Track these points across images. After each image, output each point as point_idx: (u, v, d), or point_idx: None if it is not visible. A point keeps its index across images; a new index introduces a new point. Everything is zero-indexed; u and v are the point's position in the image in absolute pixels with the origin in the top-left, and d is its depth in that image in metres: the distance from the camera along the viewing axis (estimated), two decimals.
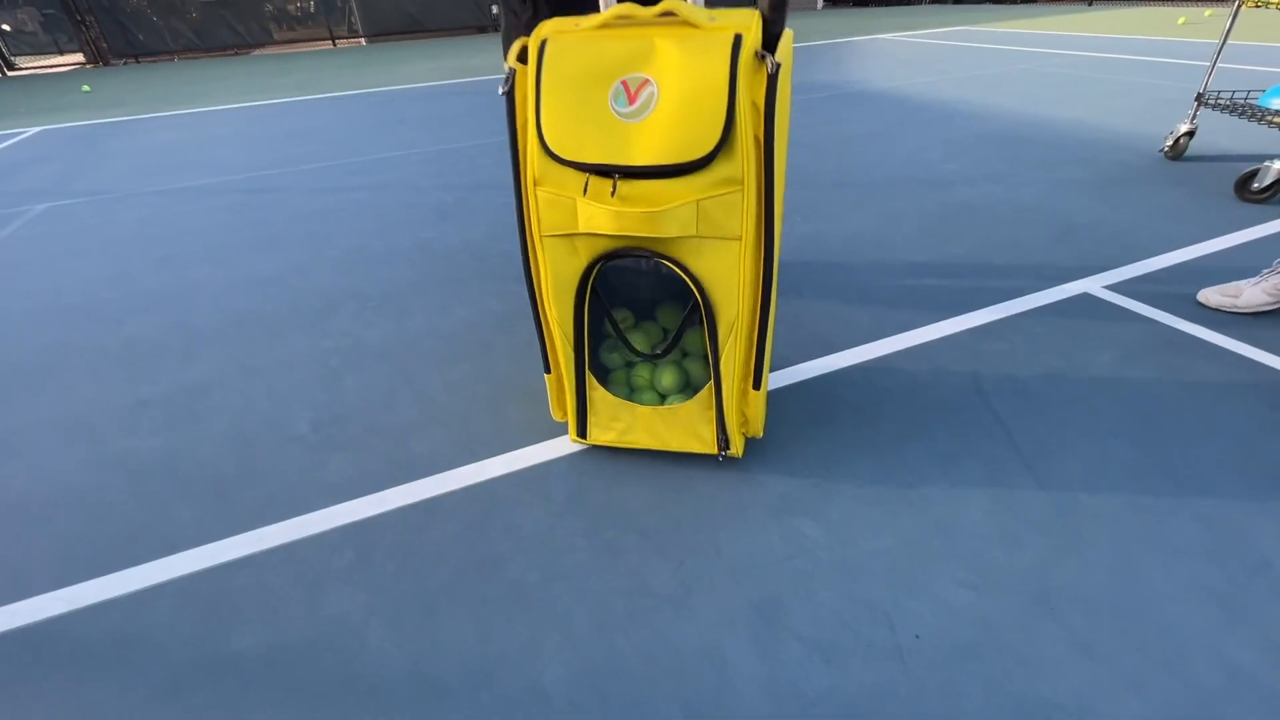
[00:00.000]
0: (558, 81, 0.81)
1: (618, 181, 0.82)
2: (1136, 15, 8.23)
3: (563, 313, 0.97)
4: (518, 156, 0.88)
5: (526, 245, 0.95)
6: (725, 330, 0.93)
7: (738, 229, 0.84)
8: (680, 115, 0.78)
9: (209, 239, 2.27)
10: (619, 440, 1.08)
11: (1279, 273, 1.36)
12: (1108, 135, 2.88)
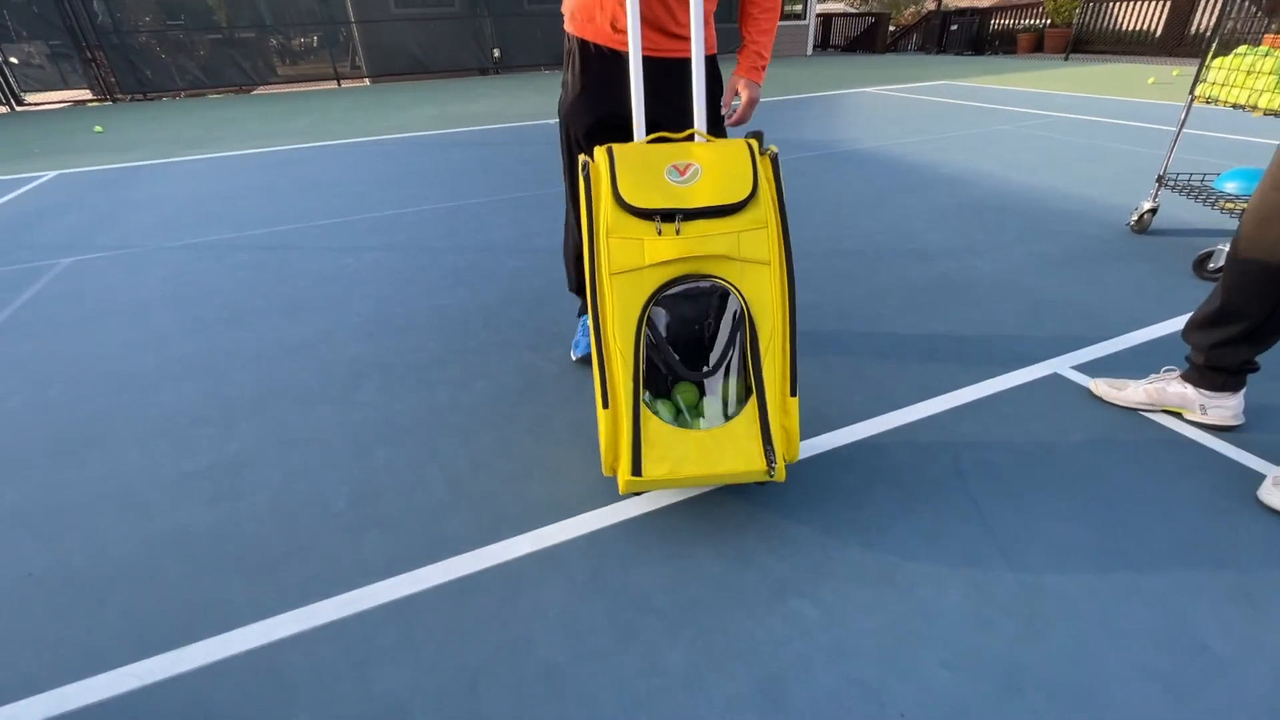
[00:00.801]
0: (627, 165, 1.17)
1: (680, 222, 1.13)
2: (1110, 73, 8.64)
3: (625, 341, 1.13)
4: (592, 222, 1.16)
5: (595, 288, 1.14)
6: (765, 340, 1.15)
7: (767, 256, 1.15)
8: (719, 180, 1.16)
9: (235, 301, 2.39)
10: (672, 474, 1.11)
11: (1163, 380, 1.51)
12: (1080, 205, 3.08)
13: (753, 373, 1.15)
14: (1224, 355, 1.40)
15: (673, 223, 1.13)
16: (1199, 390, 1.46)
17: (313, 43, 12.45)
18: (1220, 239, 2.45)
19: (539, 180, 3.95)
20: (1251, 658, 0.97)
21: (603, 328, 1.14)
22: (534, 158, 4.63)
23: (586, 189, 1.17)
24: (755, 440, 1.13)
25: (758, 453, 1.13)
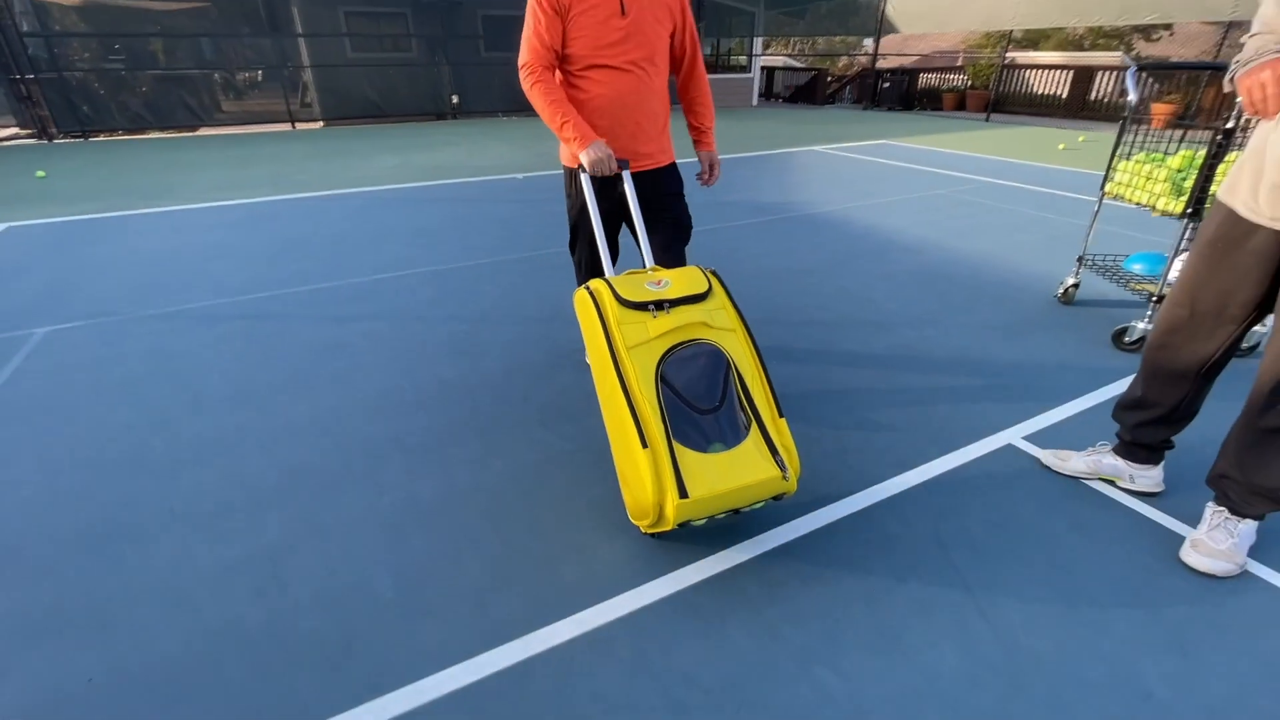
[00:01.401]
0: (619, 284, 1.60)
1: (667, 308, 1.55)
2: (1025, 135, 9.55)
3: (649, 395, 1.44)
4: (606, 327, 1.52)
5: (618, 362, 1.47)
6: (748, 379, 1.52)
7: (732, 325, 1.59)
8: (684, 284, 1.61)
9: (233, 377, 2.42)
10: (711, 490, 1.36)
11: (1099, 453, 1.78)
12: (1012, 274, 3.46)
13: (747, 405, 1.48)
14: (1145, 434, 1.67)
15: (662, 309, 1.54)
16: (1127, 462, 1.73)
17: (258, 77, 12.31)
18: (1133, 313, 2.83)
19: (516, 243, 4.11)
20: (1187, 701, 1.20)
21: (630, 388, 1.44)
22: (507, 217, 4.79)
23: (597, 306, 1.56)
24: (766, 455, 1.42)
25: (771, 464, 1.41)
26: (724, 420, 1.45)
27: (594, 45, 1.85)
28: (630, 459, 1.44)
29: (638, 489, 1.42)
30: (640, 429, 1.39)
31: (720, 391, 1.48)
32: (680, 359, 1.50)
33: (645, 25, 1.89)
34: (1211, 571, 1.46)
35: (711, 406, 1.46)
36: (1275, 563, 1.52)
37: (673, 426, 1.42)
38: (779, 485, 1.41)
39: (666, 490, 1.36)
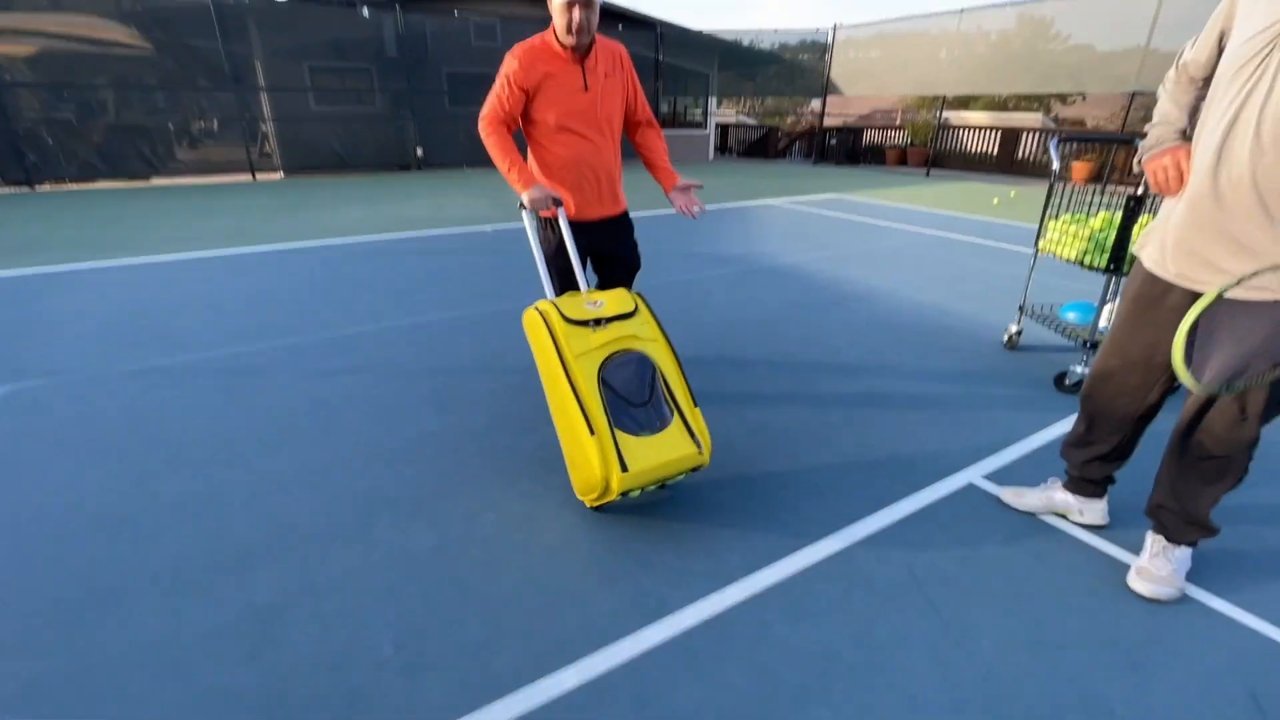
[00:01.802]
0: (564, 305, 1.94)
1: (604, 324, 1.89)
2: (962, 190, 10.26)
3: (593, 394, 1.79)
4: (554, 337, 1.86)
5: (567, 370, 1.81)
6: (670, 378, 1.90)
7: (655, 336, 1.96)
8: (616, 304, 1.96)
9: (212, 433, 2.39)
10: (645, 466, 1.73)
11: (1050, 488, 1.94)
12: (961, 322, 3.72)
13: (670, 399, 1.86)
14: (1090, 470, 1.84)
15: (600, 325, 1.89)
16: (1076, 497, 1.89)
17: (215, 127, 12.24)
18: (1071, 357, 3.08)
19: (491, 295, 4.19)
20: (1146, 718, 1.31)
21: (578, 388, 1.79)
22: (480, 268, 4.88)
23: (547, 323, 1.88)
24: (686, 437, 1.81)
25: (691, 443, 1.80)
26: (652, 411, 1.83)
27: (561, 114, 2.21)
28: (579, 446, 1.79)
29: (586, 469, 1.79)
30: (588, 420, 1.74)
31: (649, 389, 1.85)
32: (616, 364, 1.85)
33: (604, 99, 2.26)
34: (1156, 597, 1.61)
35: (643, 401, 1.83)
36: (1210, 585, 1.67)
37: (613, 417, 1.77)
38: (696, 459, 1.81)
39: (611, 467, 1.72)
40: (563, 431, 1.90)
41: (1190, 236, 1.46)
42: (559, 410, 1.89)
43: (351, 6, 11.63)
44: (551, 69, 2.15)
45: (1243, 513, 1.95)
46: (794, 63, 16.29)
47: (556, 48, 2.15)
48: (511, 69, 2.15)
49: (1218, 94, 1.40)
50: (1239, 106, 1.33)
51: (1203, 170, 1.41)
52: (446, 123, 12.19)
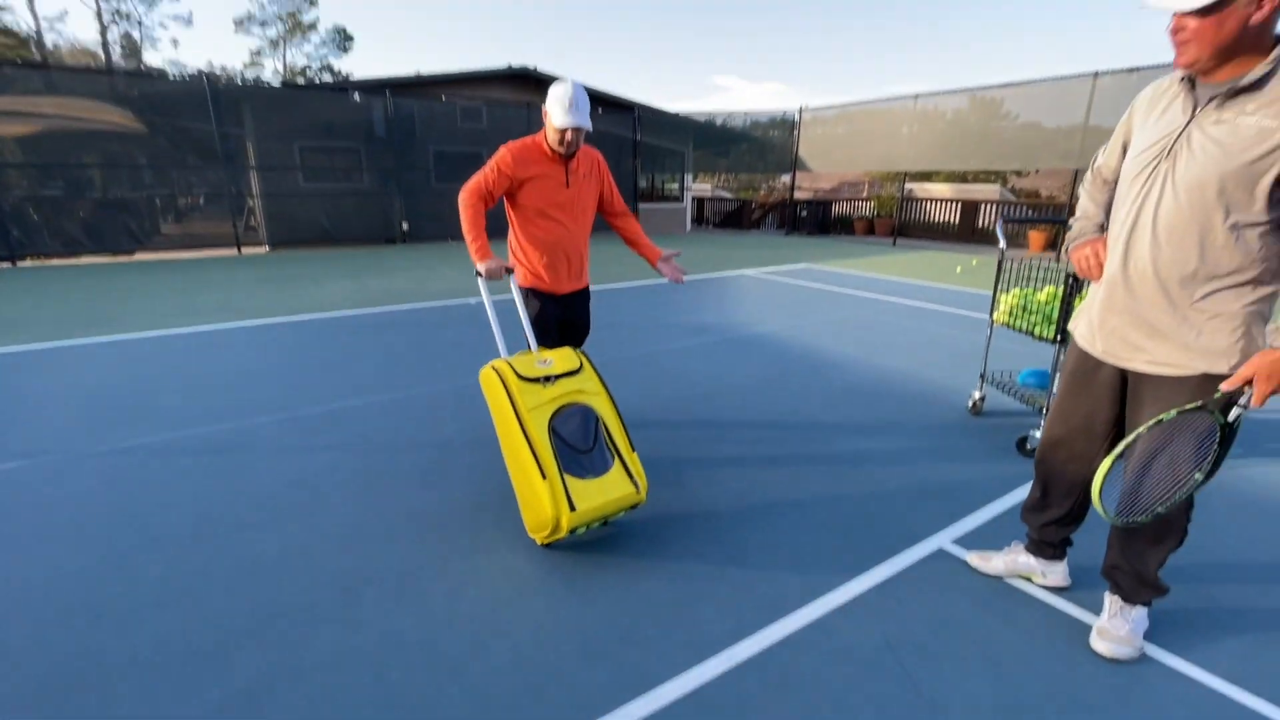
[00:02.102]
0: (518, 364, 2.20)
1: (553, 381, 2.17)
2: (926, 259, 10.77)
3: (544, 442, 2.05)
4: (510, 395, 2.12)
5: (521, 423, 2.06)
6: (611, 427, 2.19)
7: (599, 390, 2.25)
8: (564, 363, 2.26)
9: (194, 514, 2.40)
10: (590, 505, 2.00)
11: (1014, 552, 2.04)
12: (929, 388, 3.88)
13: (611, 445, 2.15)
14: (1048, 533, 1.93)
15: (549, 381, 2.17)
16: (1038, 559, 1.98)
17: (200, 201, 12.46)
18: (1031, 422, 3.23)
19: (475, 367, 4.26)
20: None
21: (531, 437, 2.04)
22: (464, 340, 4.99)
23: (503, 381, 2.13)
24: (626, 479, 2.11)
25: (630, 484, 2.10)
26: (596, 457, 2.10)
27: (544, 203, 2.60)
28: (531, 489, 2.04)
29: (537, 509, 2.04)
30: (540, 466, 2.00)
31: (593, 437, 2.13)
32: (564, 416, 2.13)
33: (581, 194, 2.66)
34: (1116, 656, 1.68)
35: (587, 448, 2.10)
36: (1167, 644, 1.75)
37: (562, 462, 2.03)
38: (635, 498, 2.12)
39: (560, 507, 1.97)
40: (516, 476, 2.13)
41: (1111, 318, 1.63)
42: (513, 457, 2.12)
43: (344, 92, 12.23)
44: (541, 169, 2.54)
45: (1192, 573, 2.05)
46: (764, 140, 17.27)
47: (547, 150, 2.54)
48: (505, 160, 2.51)
49: (1122, 195, 1.61)
50: (1139, 208, 1.53)
51: (1115, 261, 1.60)
52: (432, 198, 12.61)
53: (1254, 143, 1.34)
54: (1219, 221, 1.41)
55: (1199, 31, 1.33)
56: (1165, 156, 1.48)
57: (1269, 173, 1.33)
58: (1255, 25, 1.30)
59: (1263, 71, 1.33)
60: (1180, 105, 1.48)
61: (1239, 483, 2.70)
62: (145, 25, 30.90)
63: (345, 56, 36.43)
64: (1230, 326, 1.46)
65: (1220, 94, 1.39)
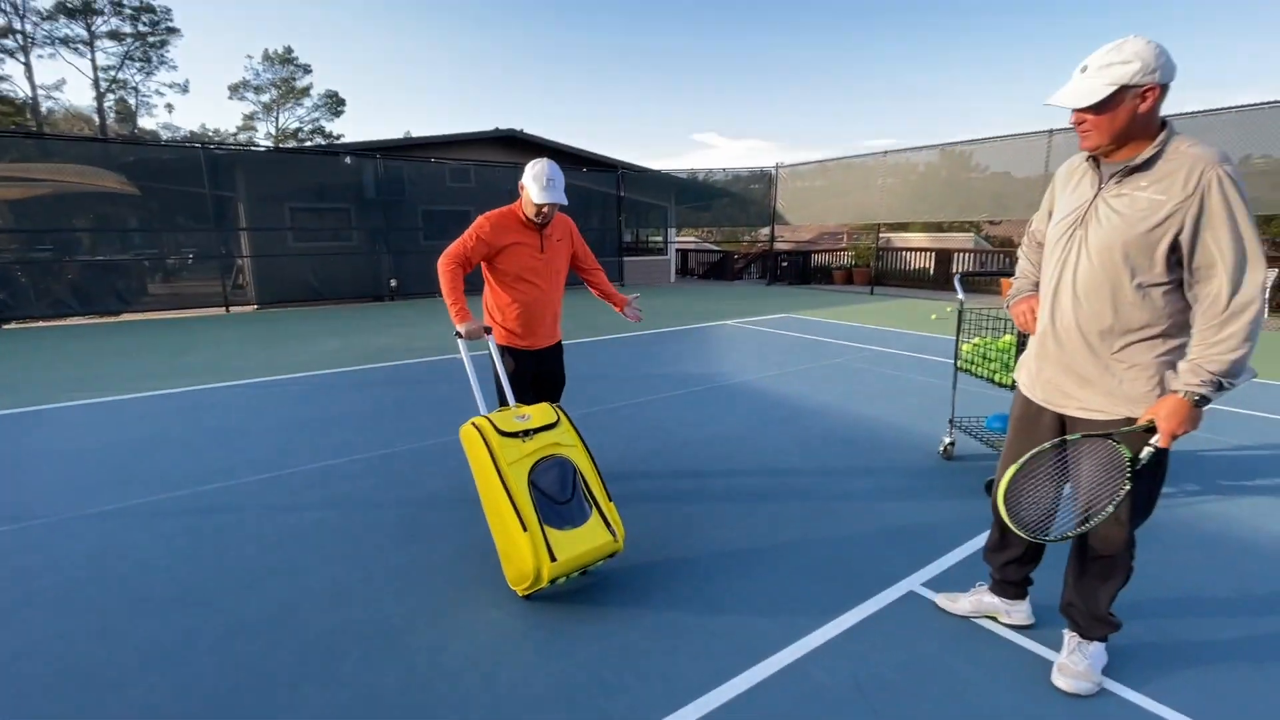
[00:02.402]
0: (497, 420, 2.30)
1: (532, 435, 2.27)
2: (902, 307, 11.10)
3: (523, 495, 2.12)
4: (490, 450, 2.19)
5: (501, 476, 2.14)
6: (588, 477, 2.29)
7: (574, 442, 2.36)
8: (540, 417, 2.36)
9: (179, 576, 2.42)
10: (570, 555, 2.08)
11: (979, 592, 2.12)
12: (902, 435, 4.01)
13: (588, 495, 2.24)
14: (1009, 573, 2.03)
15: (528, 436, 2.26)
16: (1001, 599, 2.06)
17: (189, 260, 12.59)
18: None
19: (461, 421, 4.34)
20: None
21: (511, 491, 2.11)
22: (450, 396, 5.08)
23: (483, 436, 2.20)
24: (604, 528, 2.20)
25: (608, 533, 2.18)
26: (574, 508, 2.18)
27: (520, 268, 2.80)
28: (512, 541, 2.11)
29: (519, 562, 2.09)
30: (521, 518, 2.07)
31: (571, 488, 2.21)
32: (543, 468, 2.21)
33: (555, 257, 2.90)
34: (1076, 691, 1.75)
35: (566, 499, 2.17)
36: (1123, 679, 1.82)
37: (542, 514, 2.09)
38: (613, 546, 2.20)
39: (541, 558, 2.04)
40: (496, 529, 2.19)
41: (1046, 368, 1.77)
42: (493, 511, 2.18)
43: (335, 155, 12.63)
44: (517, 237, 2.76)
45: (1149, 608, 2.14)
46: (744, 194, 17.90)
47: (523, 219, 2.77)
48: (483, 230, 2.72)
49: (1047, 256, 1.78)
50: (1060, 269, 1.70)
51: (1045, 317, 1.76)
52: (421, 255, 12.87)
53: (1148, 214, 1.52)
54: (1127, 281, 1.58)
55: (1097, 123, 1.53)
56: (1079, 224, 1.66)
57: (1163, 240, 1.51)
58: (1143, 114, 1.51)
59: (1151, 153, 1.52)
60: (1089, 180, 1.67)
61: (1192, 518, 2.82)
62: (141, 93, 31.81)
63: (337, 120, 37.39)
64: (1146, 375, 1.60)
65: (1118, 172, 1.58)
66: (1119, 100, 1.48)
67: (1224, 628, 2.07)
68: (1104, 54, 1.49)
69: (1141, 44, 1.46)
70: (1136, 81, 1.45)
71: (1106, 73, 1.47)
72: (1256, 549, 2.58)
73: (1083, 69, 1.52)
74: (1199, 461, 3.52)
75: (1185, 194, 1.46)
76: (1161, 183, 1.50)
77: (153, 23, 29.29)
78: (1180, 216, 1.48)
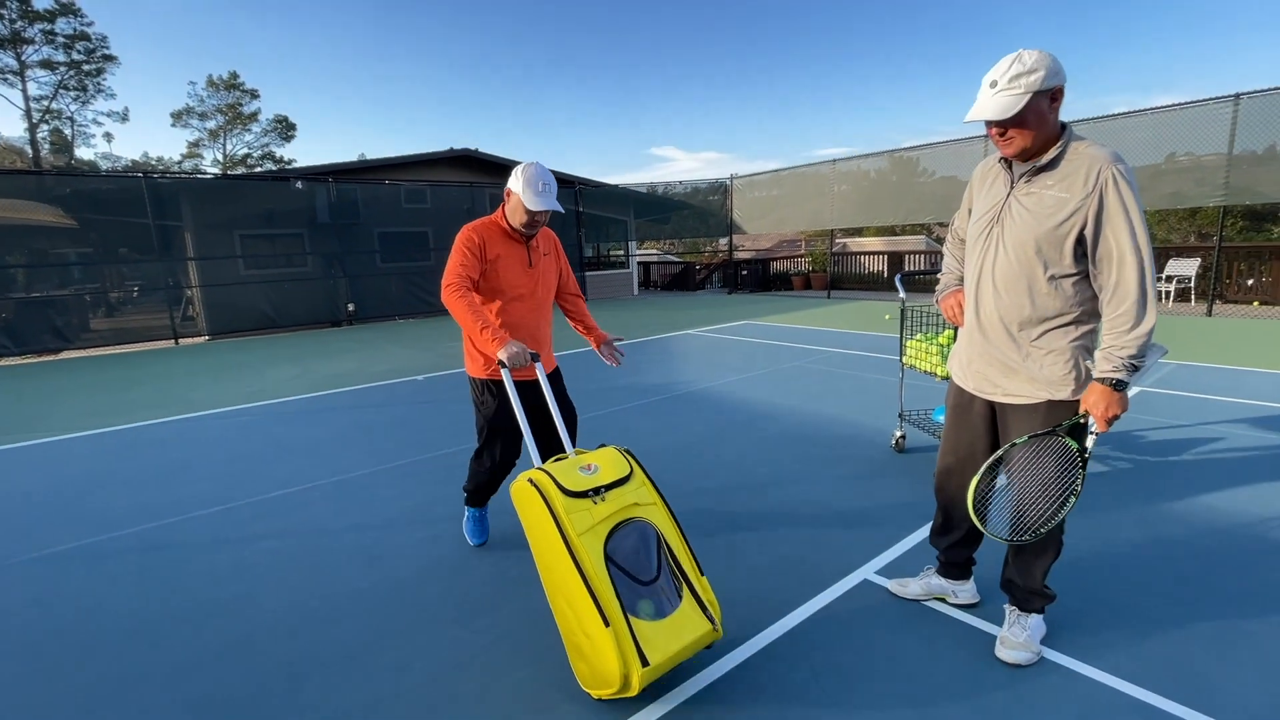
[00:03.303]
0: (559, 474, 1.82)
1: (602, 493, 1.81)
2: (858, 309, 11.41)
3: (601, 577, 1.66)
4: (555, 514, 1.73)
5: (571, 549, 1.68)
6: (674, 545, 1.83)
7: (654, 500, 1.90)
8: (610, 468, 1.89)
9: (128, 618, 2.34)
10: (665, 656, 1.64)
11: (927, 575, 2.21)
12: (857, 430, 4.13)
13: (676, 570, 1.79)
14: (954, 555, 2.12)
15: (600, 495, 1.80)
16: (948, 580, 2.15)
17: (134, 293, 12.12)
18: None
19: (421, 444, 4.32)
20: None
21: (586, 571, 1.66)
22: (408, 419, 5.02)
23: (544, 498, 1.75)
24: (699, 613, 1.75)
25: (704, 620, 1.74)
26: (662, 588, 1.74)
27: (508, 285, 2.47)
28: (588, 637, 1.66)
29: (599, 663, 1.64)
30: (601, 611, 1.61)
31: (656, 563, 1.76)
32: (620, 536, 1.76)
33: (545, 273, 2.58)
34: (1017, 662, 1.84)
35: (651, 578, 1.73)
36: (1060, 646, 1.92)
37: (625, 601, 1.65)
38: (712, 636, 1.76)
39: (631, 663, 1.60)
40: (564, 617, 1.75)
41: (974, 358, 1.88)
42: (560, 592, 1.73)
43: (285, 180, 12.40)
44: (503, 250, 2.43)
45: (1081, 579, 2.26)
46: (704, 206, 18.19)
47: (508, 229, 2.44)
48: (471, 240, 2.38)
49: (969, 252, 1.89)
50: (981, 264, 1.81)
51: (970, 309, 1.87)
52: (379, 278, 12.70)
53: (1055, 211, 1.64)
54: (1041, 274, 1.70)
55: (1020, 131, 1.63)
56: (996, 222, 1.77)
57: (1070, 234, 1.63)
58: (1051, 120, 1.62)
59: (1055, 154, 1.65)
60: (1002, 180, 1.79)
61: (1124, 493, 2.98)
62: (78, 123, 30.71)
63: (288, 145, 36.68)
64: (1063, 360, 1.72)
65: (1027, 171, 1.70)
66: (1034, 106, 1.58)
67: (1151, 594, 2.20)
68: (1007, 67, 1.58)
69: (1037, 53, 1.57)
70: (1045, 86, 1.56)
71: (1017, 83, 1.56)
72: (1182, 519, 2.74)
73: (991, 84, 1.60)
74: (1132, 440, 3.73)
75: (1086, 192, 1.59)
76: (1065, 181, 1.63)
77: (88, 50, 28.40)
78: (1083, 213, 1.60)
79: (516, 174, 2.37)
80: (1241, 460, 3.37)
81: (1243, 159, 8.89)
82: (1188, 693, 1.72)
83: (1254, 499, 2.90)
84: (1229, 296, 10.32)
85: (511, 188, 2.38)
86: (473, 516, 2.81)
